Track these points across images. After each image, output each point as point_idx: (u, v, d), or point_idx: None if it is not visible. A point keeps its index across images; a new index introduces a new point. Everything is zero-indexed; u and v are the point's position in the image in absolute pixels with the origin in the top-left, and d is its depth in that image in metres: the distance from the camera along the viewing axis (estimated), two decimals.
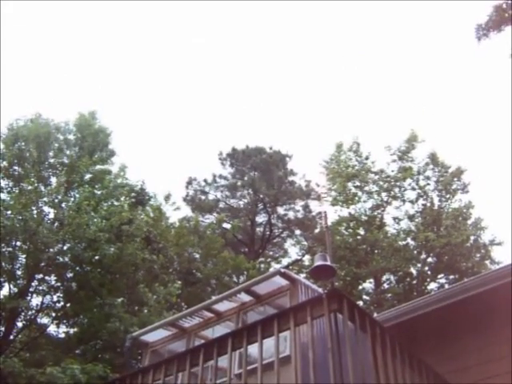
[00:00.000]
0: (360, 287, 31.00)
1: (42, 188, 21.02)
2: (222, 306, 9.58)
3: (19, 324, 20.16)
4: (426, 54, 45.56)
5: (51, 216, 19.76)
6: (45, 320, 21.08)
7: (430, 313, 8.94)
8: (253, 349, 7.69)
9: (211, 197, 30.34)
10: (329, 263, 7.54)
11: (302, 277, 11.02)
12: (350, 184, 31.43)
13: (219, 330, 9.39)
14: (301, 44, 48.66)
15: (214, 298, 10.12)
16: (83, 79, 48.84)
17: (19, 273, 20.69)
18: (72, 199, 21.09)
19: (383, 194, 31.20)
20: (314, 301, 7.31)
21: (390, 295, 28.77)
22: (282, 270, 8.68)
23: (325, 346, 6.82)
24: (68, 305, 21.03)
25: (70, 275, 20.73)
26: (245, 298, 9.24)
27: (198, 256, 24.82)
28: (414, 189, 30.65)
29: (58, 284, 20.65)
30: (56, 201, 20.35)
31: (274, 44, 48.78)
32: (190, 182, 30.02)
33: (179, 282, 23.24)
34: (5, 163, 20.71)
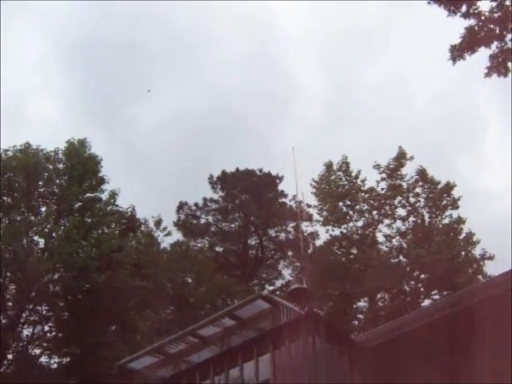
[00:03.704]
0: (355, 306, 30.97)
1: (32, 218, 21.07)
2: (207, 331, 9.65)
3: (10, 356, 19.99)
4: (410, 69, 46.07)
5: (41, 246, 19.78)
6: (36, 351, 20.94)
7: (411, 331, 9.00)
8: (236, 372, 7.78)
9: (202, 221, 30.44)
10: (304, 286, 7.63)
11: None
12: (340, 204, 31.55)
13: (204, 355, 9.44)
14: (286, 57, 49.27)
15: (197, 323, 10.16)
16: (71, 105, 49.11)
17: (10, 304, 20.63)
18: (62, 228, 21.13)
19: (374, 213, 31.32)
20: (291, 324, 7.46)
21: (383, 313, 28.72)
22: (264, 294, 8.78)
23: (304, 368, 6.93)
24: (60, 334, 20.96)
25: (61, 304, 20.71)
26: (228, 322, 9.32)
27: (190, 280, 24.79)
28: (404, 206, 30.77)
29: (50, 314, 20.60)
30: (46, 230, 20.41)
31: (257, 63, 49.34)
32: (181, 207, 30.11)
33: (171, 308, 23.21)
34: None
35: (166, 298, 21.87)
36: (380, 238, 31.43)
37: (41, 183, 22.67)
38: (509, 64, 14.86)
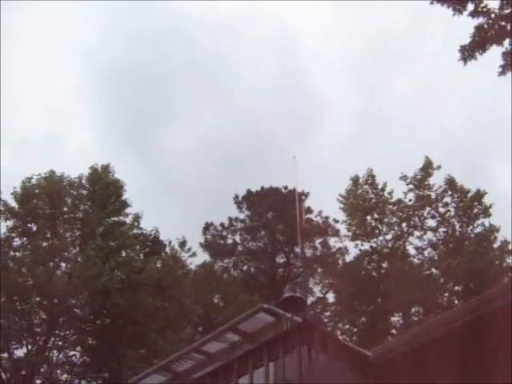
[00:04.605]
0: (389, 321, 30.19)
1: (57, 243, 21.31)
2: (212, 348, 9.44)
3: (38, 382, 20.14)
4: (441, 77, 45.28)
5: (64, 270, 19.99)
6: (65, 375, 21.03)
7: (424, 344, 8.58)
8: None
9: (229, 241, 30.34)
10: (298, 295, 7.37)
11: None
12: (368, 217, 31.03)
13: None
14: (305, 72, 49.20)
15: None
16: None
17: (38, 329, 20.81)
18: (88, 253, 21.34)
19: (403, 225, 30.67)
20: (285, 335, 7.21)
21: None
22: (265, 306, 8.54)
23: (298, 378, 6.65)
24: (87, 359, 21.04)
25: (87, 328, 20.83)
26: (233, 337, 9.09)
27: (216, 301, 24.65)
28: (433, 217, 30.04)
29: (76, 338, 20.70)
30: (70, 255, 20.66)
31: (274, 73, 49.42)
32: (207, 228, 30.10)
33: (200, 329, 23.04)
34: (19, 222, 21.16)
35: (191, 319, 21.73)
36: (411, 250, 30.78)
37: (65, 209, 23.02)
38: None
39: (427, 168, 30.47)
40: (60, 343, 20.81)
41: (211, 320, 23.38)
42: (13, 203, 21.52)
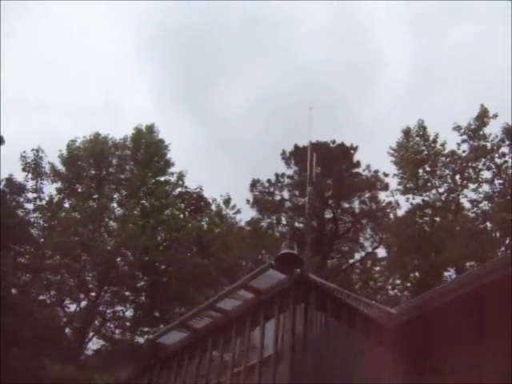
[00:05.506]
0: (442, 277, 29.52)
1: (102, 202, 21.87)
2: (228, 305, 9.38)
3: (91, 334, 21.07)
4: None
5: (107, 230, 20.55)
6: (114, 329, 21.93)
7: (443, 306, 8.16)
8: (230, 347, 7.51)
9: (277, 197, 30.20)
10: (294, 252, 7.13)
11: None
12: (420, 170, 30.04)
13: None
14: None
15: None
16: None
17: (90, 286, 21.65)
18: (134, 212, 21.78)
19: (457, 177, 29.51)
20: (281, 293, 7.03)
21: None
22: (274, 263, 8.34)
23: (290, 340, 6.51)
24: (137, 314, 21.81)
25: (137, 285, 21.52)
26: (246, 294, 8.98)
27: (261, 257, 24.74)
28: (489, 168, 28.68)
29: (125, 293, 21.44)
30: (115, 215, 21.20)
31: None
32: (253, 185, 30.00)
33: None
34: (66, 183, 21.84)
35: (234, 276, 21.95)
36: (466, 204, 29.67)
37: (111, 170, 23.56)
38: None
39: (483, 117, 28.89)
40: (109, 299, 21.62)
41: None
42: (60, 166, 22.20)
